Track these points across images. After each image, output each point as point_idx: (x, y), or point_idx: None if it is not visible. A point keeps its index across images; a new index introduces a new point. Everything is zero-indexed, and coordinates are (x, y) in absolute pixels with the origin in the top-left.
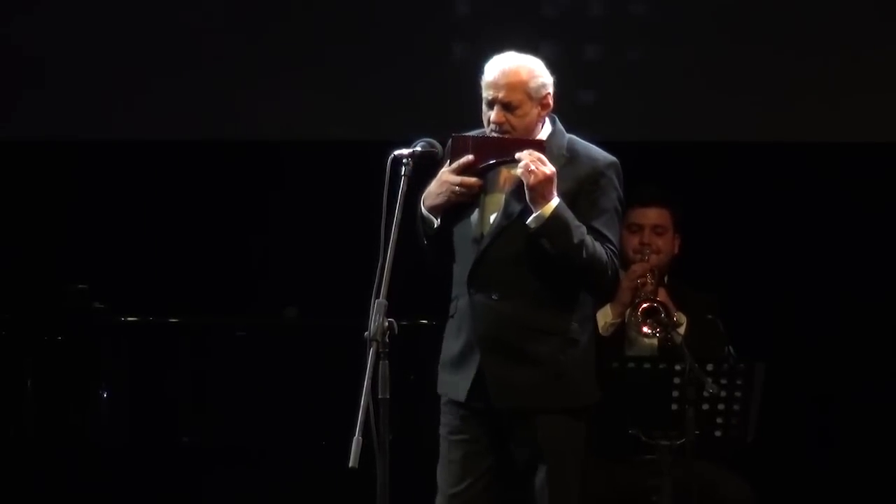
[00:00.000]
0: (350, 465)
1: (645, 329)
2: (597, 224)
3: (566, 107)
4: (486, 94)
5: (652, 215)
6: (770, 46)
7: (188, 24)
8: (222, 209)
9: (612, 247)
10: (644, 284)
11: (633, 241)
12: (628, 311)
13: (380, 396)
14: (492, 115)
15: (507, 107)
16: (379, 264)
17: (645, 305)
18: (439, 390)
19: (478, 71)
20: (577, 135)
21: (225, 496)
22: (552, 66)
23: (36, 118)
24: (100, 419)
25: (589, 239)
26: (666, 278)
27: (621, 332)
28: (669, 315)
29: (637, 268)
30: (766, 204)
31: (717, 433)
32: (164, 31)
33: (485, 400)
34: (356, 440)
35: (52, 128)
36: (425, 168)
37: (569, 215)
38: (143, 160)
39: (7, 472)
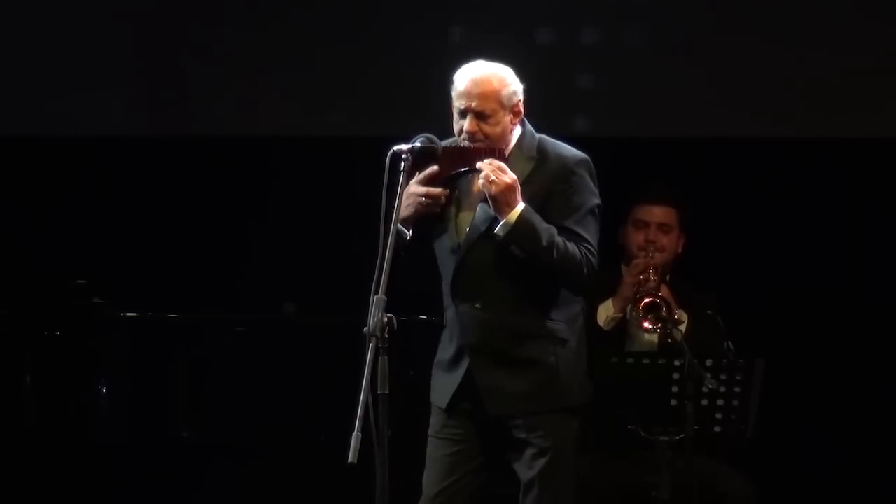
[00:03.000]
0: (349, 460)
1: (646, 324)
2: (570, 223)
3: (566, 94)
4: (458, 103)
5: (659, 213)
6: (777, 43)
7: (186, 19)
8: (221, 204)
9: (587, 245)
10: (647, 280)
11: (638, 238)
12: (629, 305)
13: (379, 392)
14: (465, 124)
15: (479, 116)
16: (378, 260)
17: (647, 301)
18: (430, 397)
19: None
20: (574, 124)
21: (224, 492)
22: (551, 53)
23: (34, 115)
24: (99, 414)
25: (560, 239)
26: (668, 277)
27: (622, 326)
28: (671, 311)
29: (640, 262)
30: (766, 200)
31: (717, 429)
32: (161, 27)
33: (472, 403)
34: (355, 436)
35: (51, 124)
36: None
37: (535, 218)
38: (142, 156)
39: (6, 467)
